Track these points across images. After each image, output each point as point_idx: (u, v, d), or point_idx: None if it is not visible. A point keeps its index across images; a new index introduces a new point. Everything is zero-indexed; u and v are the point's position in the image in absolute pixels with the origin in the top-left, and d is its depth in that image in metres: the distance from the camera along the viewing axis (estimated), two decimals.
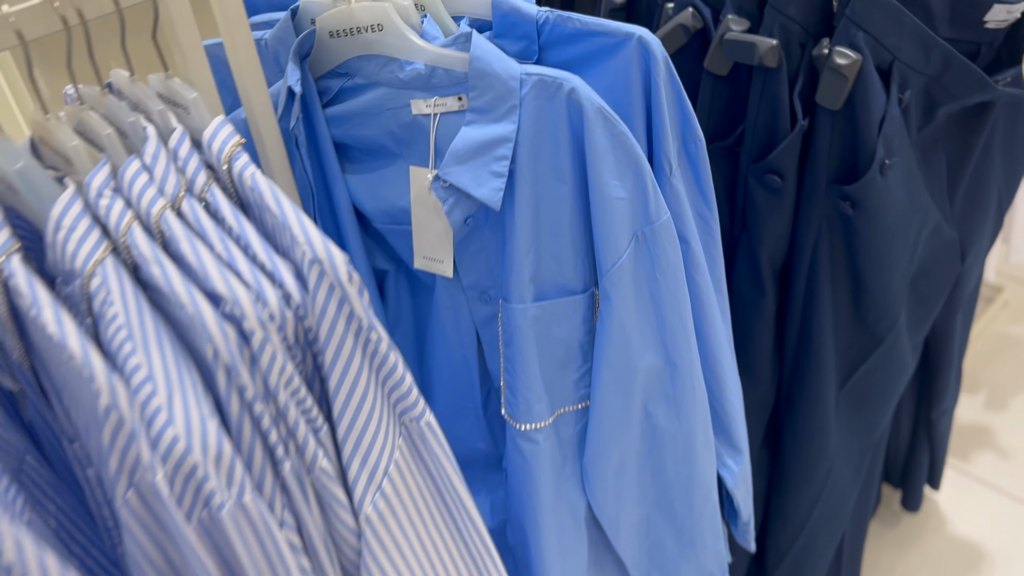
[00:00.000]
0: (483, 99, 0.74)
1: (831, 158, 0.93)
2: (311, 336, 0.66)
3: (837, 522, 1.27)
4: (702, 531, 0.97)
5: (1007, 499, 1.65)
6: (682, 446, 0.90)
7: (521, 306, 0.80)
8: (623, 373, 0.83)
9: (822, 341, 1.06)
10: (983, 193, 1.08)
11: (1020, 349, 1.96)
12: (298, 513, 0.68)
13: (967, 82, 0.91)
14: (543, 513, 0.89)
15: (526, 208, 0.76)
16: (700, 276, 0.86)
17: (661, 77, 0.77)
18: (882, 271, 0.99)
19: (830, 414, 1.14)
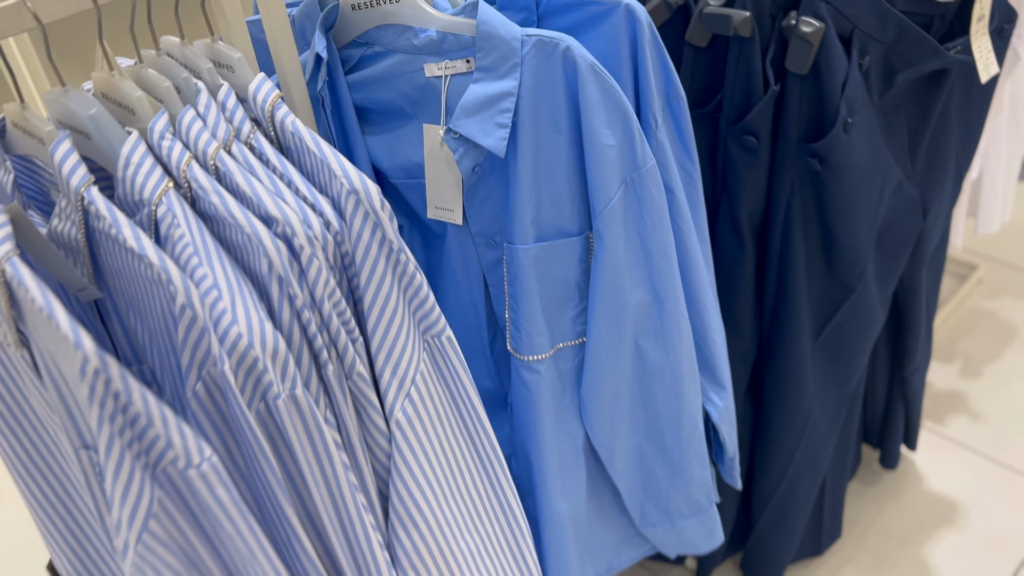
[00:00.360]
0: (489, 59, 0.85)
1: (800, 119, 1.04)
2: (347, 260, 0.77)
3: (817, 468, 1.37)
4: (689, 461, 1.06)
5: (979, 457, 1.75)
6: (670, 378, 1.00)
7: (524, 247, 0.90)
8: (615, 308, 0.94)
9: (797, 292, 1.17)
10: (941, 156, 1.19)
11: (993, 322, 2.07)
12: (339, 414, 0.78)
13: (920, 50, 1.02)
14: (545, 439, 0.99)
15: (527, 156, 0.87)
16: (684, 223, 0.97)
17: (646, 41, 0.88)
18: (849, 224, 1.10)
19: (807, 363, 1.24)
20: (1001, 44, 1.16)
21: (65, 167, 0.71)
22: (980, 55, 1.05)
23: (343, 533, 0.80)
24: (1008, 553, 1.57)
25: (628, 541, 1.17)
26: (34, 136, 0.75)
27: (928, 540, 1.62)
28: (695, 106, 1.11)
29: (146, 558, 0.70)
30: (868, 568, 1.58)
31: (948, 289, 2.18)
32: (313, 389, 0.75)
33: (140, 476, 0.67)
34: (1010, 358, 1.97)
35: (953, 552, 1.59)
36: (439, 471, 0.86)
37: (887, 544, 1.62)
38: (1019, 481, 1.70)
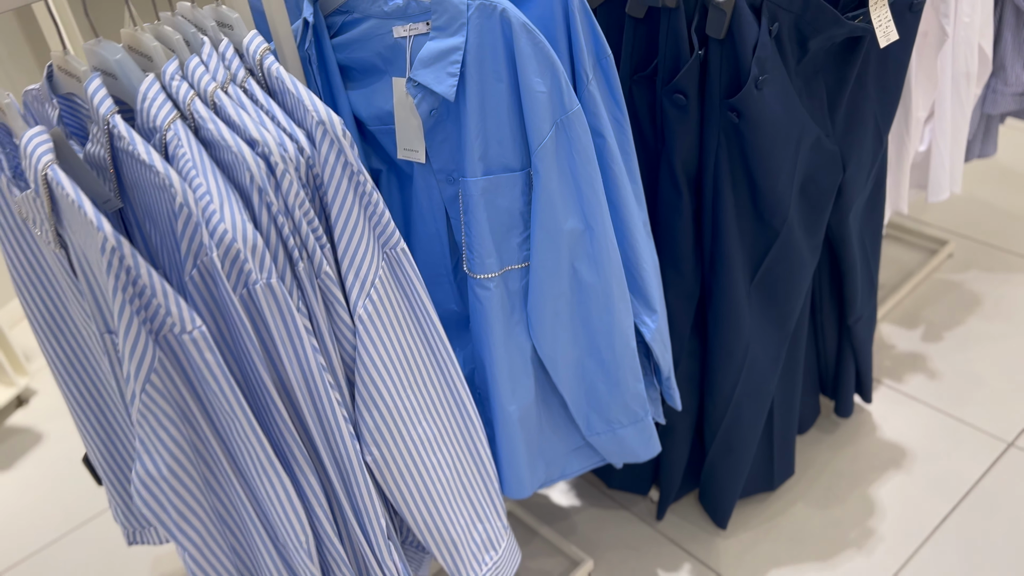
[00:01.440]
0: (441, 20, 1.03)
1: (722, 78, 1.20)
2: (318, 181, 0.95)
3: (759, 400, 1.52)
4: (625, 374, 1.23)
5: (931, 410, 1.89)
6: (602, 297, 1.17)
7: (473, 179, 1.08)
8: (552, 234, 1.11)
9: (730, 236, 1.33)
10: (860, 116, 1.34)
11: (958, 293, 2.20)
12: (310, 306, 0.96)
13: (823, 18, 1.18)
14: (496, 348, 1.16)
15: (474, 101, 1.04)
16: (615, 164, 1.14)
17: (576, 8, 1.05)
18: (768, 171, 1.26)
19: (743, 302, 1.40)
20: (912, 18, 1.31)
21: (96, 99, 0.90)
22: (879, 24, 1.21)
23: (312, 405, 0.98)
24: (948, 492, 1.71)
25: (579, 451, 1.34)
26: (73, 76, 0.94)
27: (876, 481, 1.76)
28: (636, 71, 1.28)
29: (148, 406, 0.89)
30: (818, 504, 1.73)
31: (919, 262, 2.31)
32: (288, 282, 0.93)
33: (145, 337, 0.86)
34: (970, 324, 2.10)
35: (898, 491, 1.73)
36: (397, 362, 1.03)
37: (838, 484, 1.76)
38: (965, 431, 1.83)
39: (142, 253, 0.98)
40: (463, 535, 1.17)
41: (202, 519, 1.00)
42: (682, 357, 1.48)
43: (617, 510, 1.78)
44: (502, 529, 1.22)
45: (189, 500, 0.98)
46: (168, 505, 0.96)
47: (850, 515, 1.70)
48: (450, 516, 1.14)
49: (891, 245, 2.39)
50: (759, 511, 1.73)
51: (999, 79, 1.91)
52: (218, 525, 1.03)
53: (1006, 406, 1.88)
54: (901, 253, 2.36)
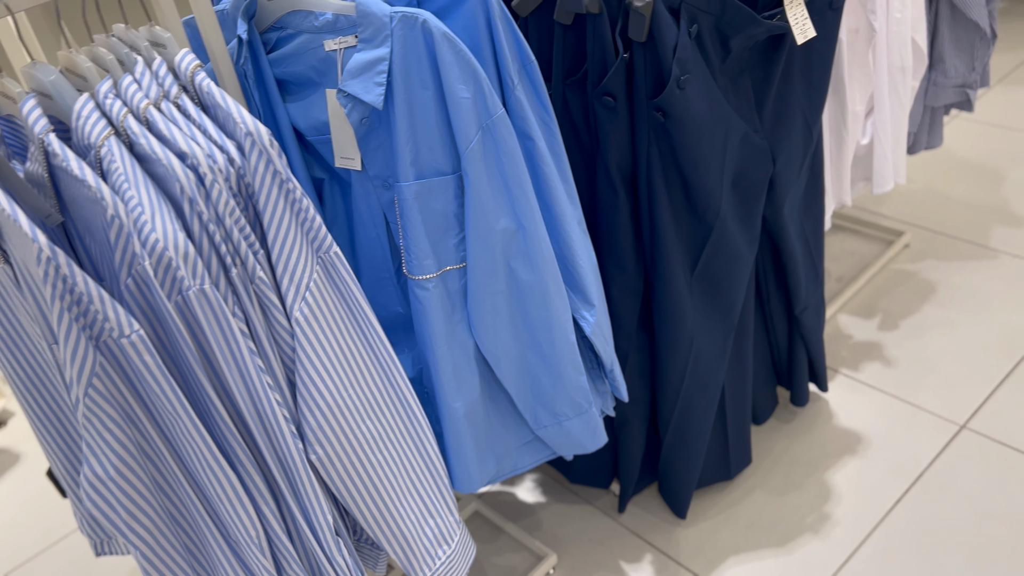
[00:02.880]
0: (367, 32, 1.07)
1: (647, 79, 1.25)
2: (250, 190, 0.99)
3: (708, 391, 1.57)
4: (566, 367, 1.27)
5: (887, 397, 1.94)
6: (539, 294, 1.21)
7: (406, 183, 1.12)
8: (485, 234, 1.15)
9: (666, 231, 1.37)
10: (787, 111, 1.39)
11: (914, 282, 2.25)
12: (246, 310, 1.00)
13: (741, 18, 1.23)
14: (438, 346, 1.20)
15: (403, 109, 1.09)
16: (545, 166, 1.18)
17: (498, 17, 1.10)
18: (697, 168, 1.30)
19: (685, 295, 1.44)
20: (833, 15, 1.36)
21: (31, 118, 0.94)
22: (796, 22, 1.26)
23: (253, 406, 1.02)
24: (902, 475, 1.76)
25: (530, 444, 1.38)
26: (10, 98, 0.99)
27: (832, 467, 1.80)
28: (568, 75, 1.33)
29: (92, 409, 0.93)
30: (775, 491, 1.77)
31: (876, 253, 2.36)
32: (222, 288, 0.97)
33: (84, 342, 0.90)
34: (925, 312, 2.15)
35: (853, 476, 1.77)
36: (337, 363, 1.08)
37: (795, 471, 1.81)
38: (920, 416, 1.88)
39: (84, 265, 1.02)
40: (414, 530, 1.21)
41: (152, 519, 1.04)
42: (631, 351, 1.52)
43: (580, 504, 1.82)
44: (454, 524, 1.26)
45: (138, 500, 1.02)
46: (118, 506, 1.00)
47: (807, 501, 1.74)
48: (400, 512, 1.18)
49: (849, 237, 2.44)
50: (718, 500, 1.77)
51: (938, 72, 1.96)
52: (170, 524, 1.07)
53: (958, 390, 1.92)
54: (859, 245, 2.41)
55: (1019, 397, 1.88)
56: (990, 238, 2.35)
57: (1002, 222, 2.40)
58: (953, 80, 1.96)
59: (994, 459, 1.76)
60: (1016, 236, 2.34)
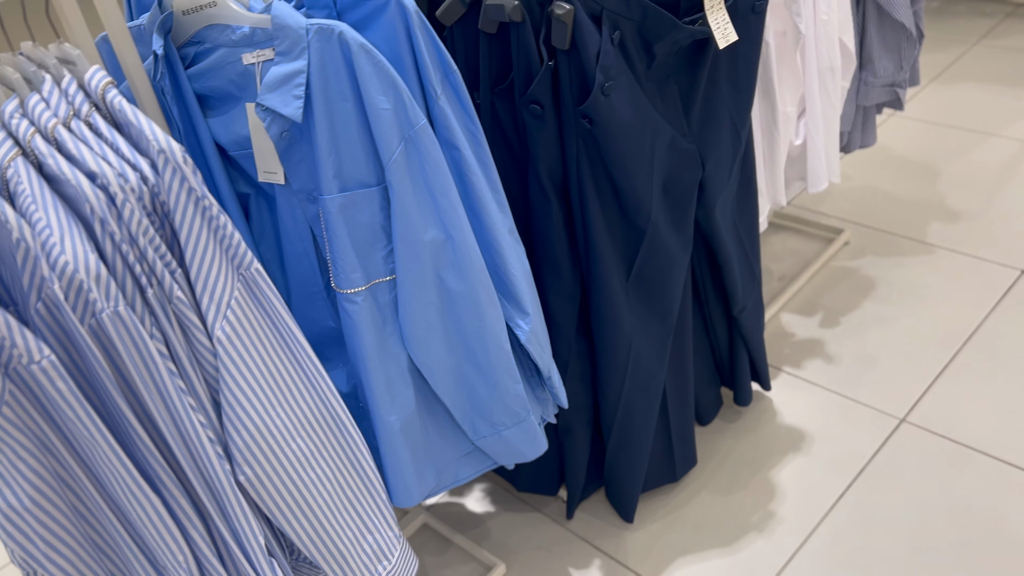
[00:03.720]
0: (283, 45, 1.06)
1: (572, 87, 1.25)
2: (165, 208, 0.97)
3: (649, 393, 1.57)
4: (501, 376, 1.26)
5: (829, 393, 1.96)
6: (471, 304, 1.20)
7: (329, 197, 1.11)
8: (413, 246, 1.14)
9: (600, 237, 1.37)
10: (715, 115, 1.40)
11: (854, 278, 2.29)
12: (164, 331, 0.98)
13: (662, 24, 1.24)
14: (370, 360, 1.19)
15: (323, 121, 1.08)
16: (472, 175, 1.18)
17: (417, 27, 1.10)
18: (626, 174, 1.31)
19: (621, 300, 1.45)
20: (756, 19, 1.38)
21: None
22: (717, 26, 1.27)
23: (176, 429, 1.00)
24: (845, 471, 1.78)
25: (470, 456, 1.37)
26: None
27: (776, 465, 1.82)
28: (496, 84, 1.32)
29: (2, 439, 0.90)
30: (721, 491, 1.78)
31: (817, 251, 2.39)
32: (138, 310, 0.95)
33: None
34: (865, 308, 2.18)
35: (797, 473, 1.79)
36: (263, 381, 1.06)
37: (740, 470, 1.82)
38: (861, 411, 1.90)
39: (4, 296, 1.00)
40: (352, 548, 1.19)
41: (74, 549, 1.01)
42: (571, 358, 1.52)
43: (529, 512, 1.81)
44: (394, 538, 1.24)
45: (57, 530, 0.99)
46: (35, 536, 0.97)
47: (752, 500, 1.76)
48: (336, 530, 1.16)
49: (790, 236, 2.48)
50: (664, 503, 1.77)
51: (868, 72, 2.00)
52: (93, 553, 1.04)
53: (897, 384, 1.95)
54: (800, 243, 2.45)
55: (956, 389, 1.92)
56: (927, 233, 2.40)
57: (938, 217, 2.45)
58: (883, 80, 2.00)
59: (933, 452, 1.79)
60: (951, 231, 2.39)
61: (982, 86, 3.05)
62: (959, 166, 2.65)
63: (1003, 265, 2.24)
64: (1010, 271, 2.22)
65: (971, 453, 1.77)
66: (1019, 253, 2.26)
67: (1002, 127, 2.80)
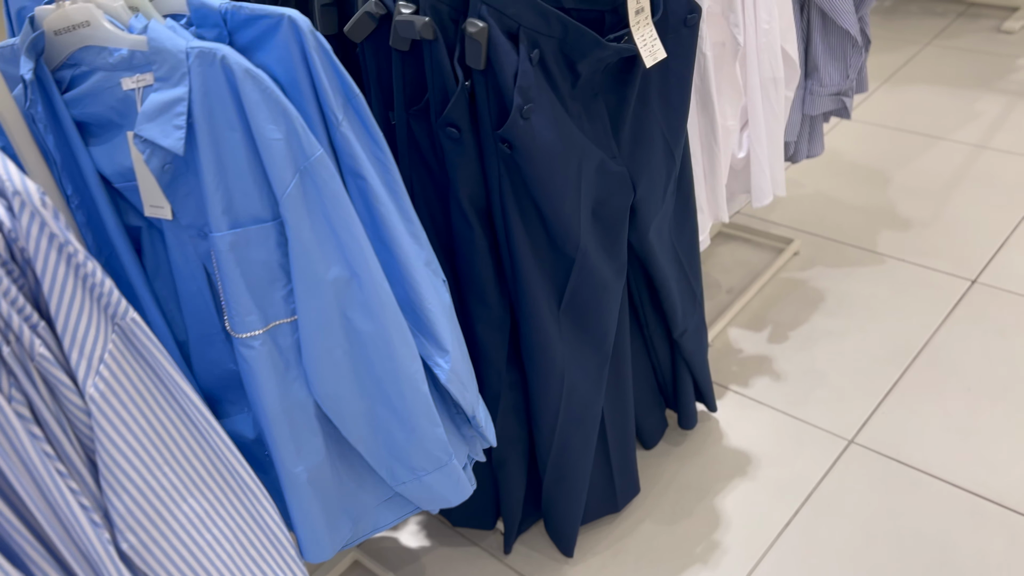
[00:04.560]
0: (163, 70, 0.96)
1: (491, 109, 1.17)
2: (25, 255, 0.87)
3: (585, 425, 1.50)
4: (419, 420, 1.18)
5: (776, 413, 1.90)
6: (382, 345, 1.12)
7: (219, 234, 1.01)
8: (315, 285, 1.05)
9: (526, 265, 1.29)
10: (646, 134, 1.32)
11: (803, 290, 2.23)
12: (26, 391, 0.88)
13: (585, 42, 1.15)
14: (271, 408, 1.10)
15: (208, 153, 0.98)
16: (381, 205, 1.09)
17: (313, 48, 1.00)
18: (550, 200, 1.23)
19: (553, 329, 1.37)
20: (688, 33, 1.30)
21: None
22: (644, 44, 1.19)
23: (43, 498, 0.90)
24: (792, 496, 1.72)
25: (391, 501, 1.29)
26: None
27: (722, 490, 1.75)
28: (411, 104, 1.23)
29: None
30: (665, 520, 1.72)
31: (766, 262, 2.33)
32: None
33: None
34: (814, 322, 2.13)
35: (743, 499, 1.73)
36: (145, 439, 0.96)
37: (684, 497, 1.75)
38: (809, 432, 1.85)
39: None
40: None
41: None
42: (502, 389, 1.44)
43: (466, 547, 1.73)
44: None
45: None
46: None
47: (696, 529, 1.69)
48: None
49: (739, 247, 2.42)
50: (606, 534, 1.70)
51: (814, 80, 1.94)
52: None
53: (846, 402, 1.90)
54: (749, 254, 2.39)
55: (905, 408, 1.87)
56: (877, 243, 2.35)
57: (888, 226, 2.40)
58: (829, 88, 1.94)
59: (881, 474, 1.73)
60: (901, 240, 2.34)
61: (933, 88, 3.02)
62: (910, 171, 2.61)
63: (953, 275, 2.19)
64: (960, 281, 2.17)
65: (920, 476, 1.72)
66: (969, 262, 2.22)
67: (953, 131, 2.77)
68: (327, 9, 1.25)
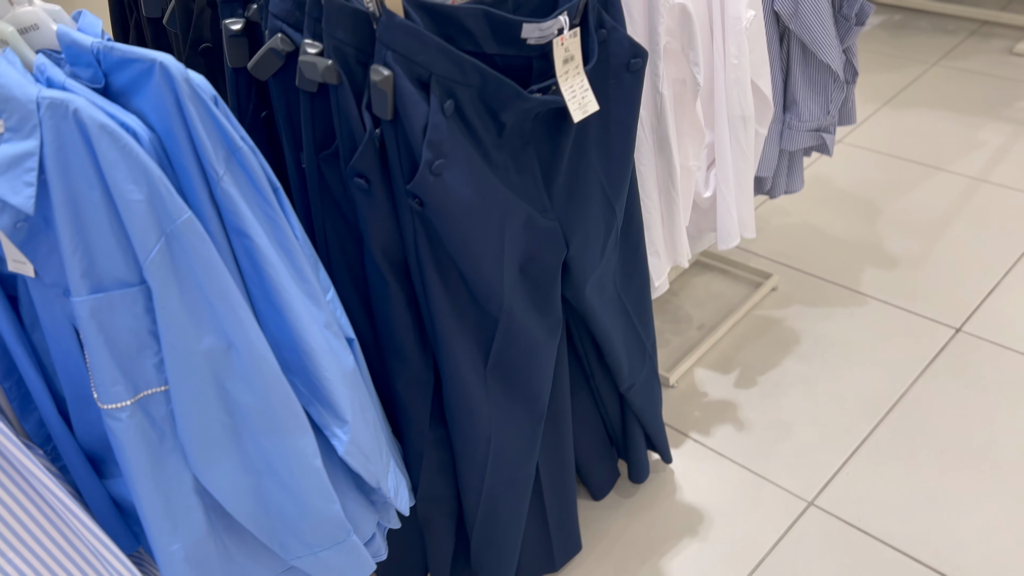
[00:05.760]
0: (12, 120, 0.86)
1: (402, 161, 1.06)
2: None
3: (516, 489, 1.40)
4: (312, 497, 1.08)
5: (735, 467, 1.80)
6: (266, 419, 1.02)
7: (79, 299, 0.92)
8: (187, 355, 0.96)
9: (446, 323, 1.19)
10: (582, 187, 1.22)
11: (777, 331, 2.12)
12: None
13: (503, 93, 1.05)
14: (142, 483, 1.01)
15: (64, 212, 0.88)
16: (269, 266, 0.99)
17: (186, 96, 0.90)
18: (469, 259, 1.12)
19: (476, 390, 1.27)
20: (632, 78, 1.19)
21: None
22: (572, 95, 1.08)
23: None
24: (744, 560, 1.62)
25: (289, 572, 1.19)
26: None
27: (670, 551, 1.65)
28: (321, 148, 1.13)
29: None
30: None
31: (741, 296, 2.22)
32: None
33: None
34: (785, 366, 2.02)
35: (692, 561, 1.63)
36: None
37: (629, 557, 1.65)
38: (767, 489, 1.74)
39: None
40: None
41: None
42: (426, 448, 1.35)
43: None
44: None
45: None
46: None
47: None
48: None
49: (716, 278, 2.30)
50: None
51: (793, 114, 1.82)
52: None
53: (810, 459, 1.79)
54: (725, 287, 2.27)
55: (871, 470, 1.76)
56: (860, 281, 2.23)
57: (874, 263, 2.28)
58: (808, 124, 1.82)
59: (840, 543, 1.63)
60: (886, 279, 2.22)
61: (936, 113, 2.89)
62: (902, 204, 2.49)
63: (936, 322, 2.08)
64: (944, 329, 2.06)
65: (881, 548, 1.61)
66: (955, 309, 2.10)
67: (952, 161, 2.63)
68: (236, 40, 1.15)
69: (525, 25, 1.04)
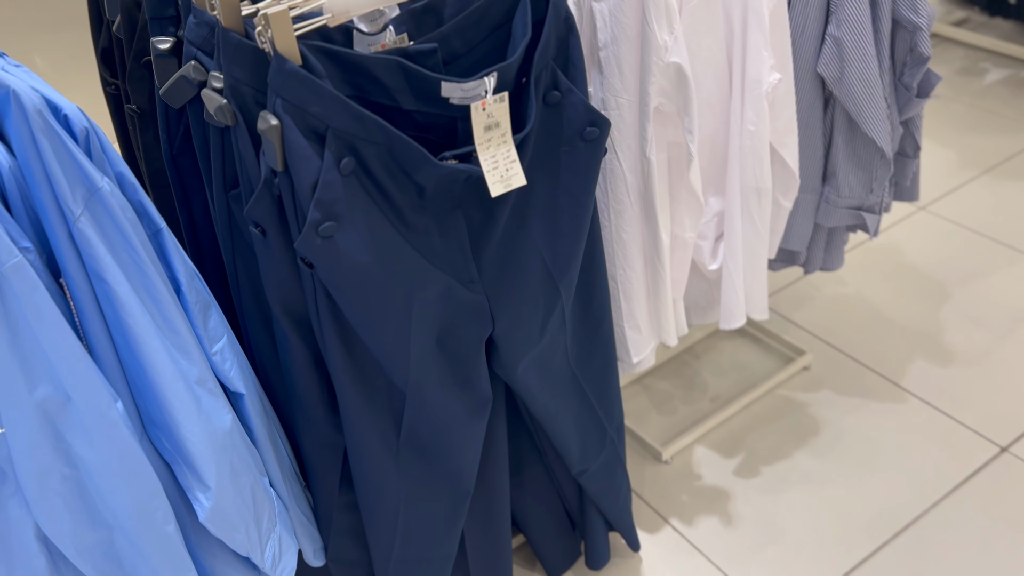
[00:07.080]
0: None
1: (297, 216, 0.96)
2: None
3: (432, 566, 1.29)
4: (160, 560, 1.00)
5: (712, 568, 1.63)
6: (109, 477, 0.95)
7: None
8: (17, 403, 0.89)
9: (349, 392, 1.09)
10: (518, 260, 1.09)
11: (798, 416, 1.92)
12: None
13: (411, 157, 0.93)
14: None
15: None
16: (128, 316, 0.91)
17: (40, 131, 0.83)
18: (369, 330, 1.01)
19: (384, 463, 1.16)
20: (587, 148, 1.05)
21: None
22: (494, 166, 0.95)
23: None
24: None
25: None
26: None
27: None
28: (233, 187, 1.05)
29: None
30: None
31: (767, 371, 2.03)
32: None
33: None
34: (796, 460, 1.82)
35: None
36: None
37: None
38: None
39: None
40: None
41: None
42: (335, 511, 1.25)
43: None
44: None
45: None
46: None
47: None
48: None
49: (745, 346, 2.11)
50: None
51: (831, 188, 1.63)
52: None
53: (793, 573, 1.60)
54: (752, 357, 2.08)
55: None
56: (905, 374, 2.00)
57: (925, 355, 2.04)
58: (847, 200, 1.62)
59: None
60: (934, 376, 1.98)
61: None
62: (977, 291, 2.22)
63: (980, 435, 1.83)
64: (988, 446, 1.81)
65: None
66: (1006, 424, 1.85)
67: None
68: (164, 60, 1.07)
69: (444, 84, 0.91)
